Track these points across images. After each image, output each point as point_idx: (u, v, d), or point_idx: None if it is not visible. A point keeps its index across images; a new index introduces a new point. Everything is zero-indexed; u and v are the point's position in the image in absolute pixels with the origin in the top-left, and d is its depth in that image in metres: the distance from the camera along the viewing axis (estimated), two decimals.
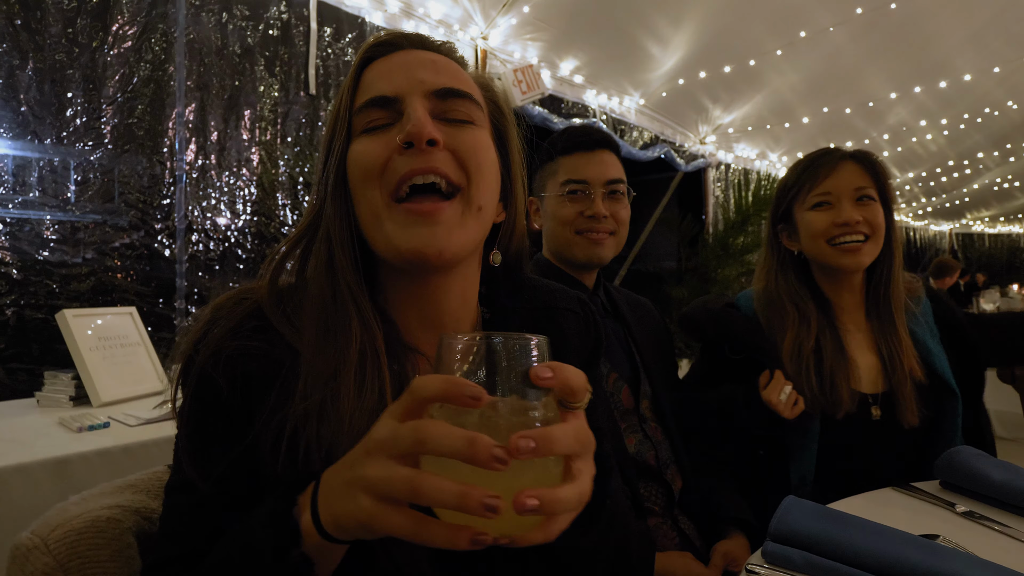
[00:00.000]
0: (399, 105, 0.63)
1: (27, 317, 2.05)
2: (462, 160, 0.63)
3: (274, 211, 2.75)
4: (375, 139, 0.63)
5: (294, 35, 2.81)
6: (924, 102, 5.43)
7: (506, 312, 0.76)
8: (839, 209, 1.25)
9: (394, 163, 0.61)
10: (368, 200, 0.63)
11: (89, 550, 0.59)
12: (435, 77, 0.65)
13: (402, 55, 0.68)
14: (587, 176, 1.27)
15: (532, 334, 0.45)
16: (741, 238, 5.66)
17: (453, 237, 0.62)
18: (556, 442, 0.42)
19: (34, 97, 2.08)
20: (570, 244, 1.29)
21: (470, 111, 0.66)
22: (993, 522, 0.87)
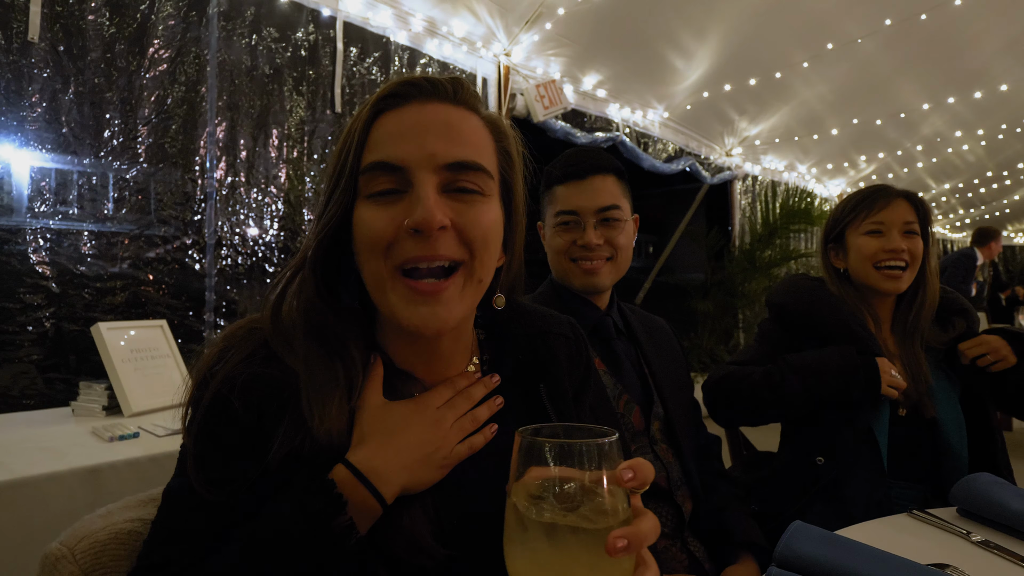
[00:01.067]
0: (407, 175, 0.63)
1: (64, 329, 2.14)
2: (467, 238, 0.65)
3: (300, 226, 2.83)
4: (382, 211, 0.64)
5: (321, 55, 2.90)
6: (959, 112, 5.31)
7: (501, 337, 0.79)
8: (889, 237, 1.44)
9: (402, 243, 0.63)
10: (373, 268, 0.64)
11: (111, 561, 0.63)
12: (447, 147, 0.64)
13: (415, 110, 0.66)
14: (577, 206, 1.27)
15: (603, 434, 0.49)
16: (768, 251, 5.60)
17: (453, 313, 0.65)
18: (646, 538, 0.48)
19: (75, 118, 2.18)
20: (567, 272, 1.30)
21: (480, 182, 0.66)
22: (1010, 553, 0.85)
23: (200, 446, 0.62)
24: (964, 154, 6.79)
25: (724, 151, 5.75)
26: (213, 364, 0.64)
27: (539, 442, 0.49)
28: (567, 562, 0.46)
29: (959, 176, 7.82)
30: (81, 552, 0.62)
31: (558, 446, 0.48)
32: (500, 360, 0.78)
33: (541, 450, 0.49)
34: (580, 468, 0.48)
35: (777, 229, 5.64)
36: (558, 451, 0.48)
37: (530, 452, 0.49)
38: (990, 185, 8.29)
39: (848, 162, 6.93)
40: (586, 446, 0.48)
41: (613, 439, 0.49)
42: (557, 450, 0.48)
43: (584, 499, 0.48)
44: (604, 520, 0.47)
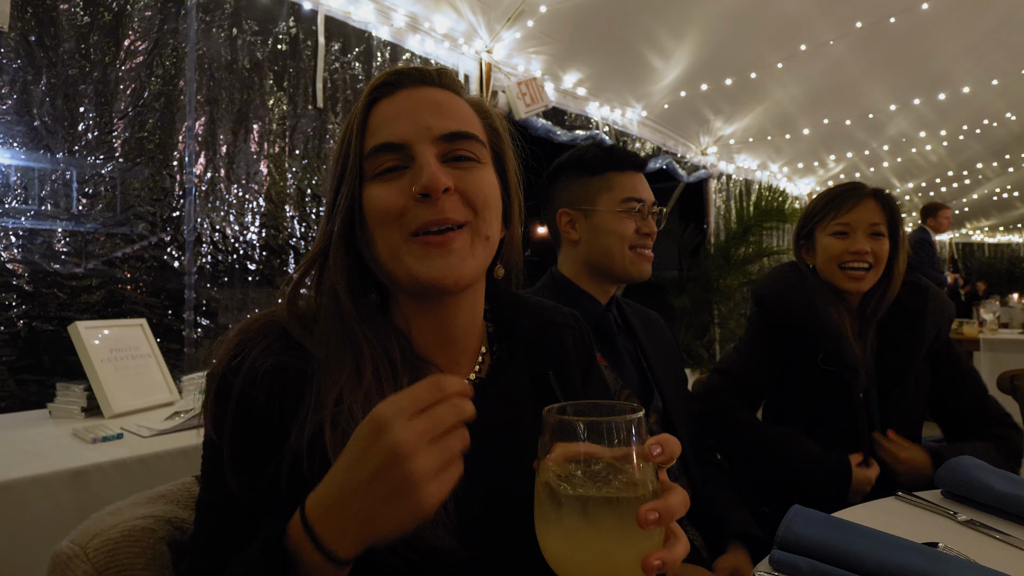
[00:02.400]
0: (409, 150, 0.68)
1: (38, 328, 2.08)
2: (469, 199, 0.69)
3: (282, 223, 2.79)
4: (390, 186, 0.68)
5: (302, 49, 2.86)
6: (923, 113, 5.48)
7: (511, 326, 0.82)
8: (854, 239, 1.47)
9: (412, 211, 0.67)
10: (387, 239, 0.68)
11: (126, 558, 0.62)
12: (440, 121, 0.70)
13: (406, 95, 0.72)
14: (643, 196, 1.35)
15: (630, 410, 0.50)
16: (743, 248, 5.70)
17: (465, 264, 0.68)
18: (676, 511, 0.49)
19: (47, 111, 2.12)
20: (623, 259, 1.32)
21: (474, 149, 0.71)
22: (994, 530, 0.89)
23: (234, 449, 0.61)
24: (927, 154, 7.01)
25: (700, 150, 5.84)
26: (231, 360, 0.64)
27: (570, 421, 0.49)
28: (601, 535, 0.47)
29: (922, 175, 8.07)
30: (94, 550, 0.61)
31: (588, 424, 0.49)
32: (511, 348, 0.80)
33: (572, 428, 0.49)
34: (609, 445, 0.49)
35: (751, 227, 5.75)
36: (588, 429, 0.49)
37: (560, 430, 0.50)
38: (951, 184, 8.56)
39: (818, 161, 7.09)
40: (615, 423, 0.49)
41: (640, 415, 0.50)
42: (587, 428, 0.49)
43: (614, 474, 0.49)
44: (635, 493, 0.48)
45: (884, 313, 1.49)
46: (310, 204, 2.89)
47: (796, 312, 1.49)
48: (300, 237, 2.86)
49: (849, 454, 1.39)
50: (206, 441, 0.65)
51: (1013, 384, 1.56)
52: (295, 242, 2.84)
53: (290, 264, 2.82)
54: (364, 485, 0.49)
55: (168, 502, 0.70)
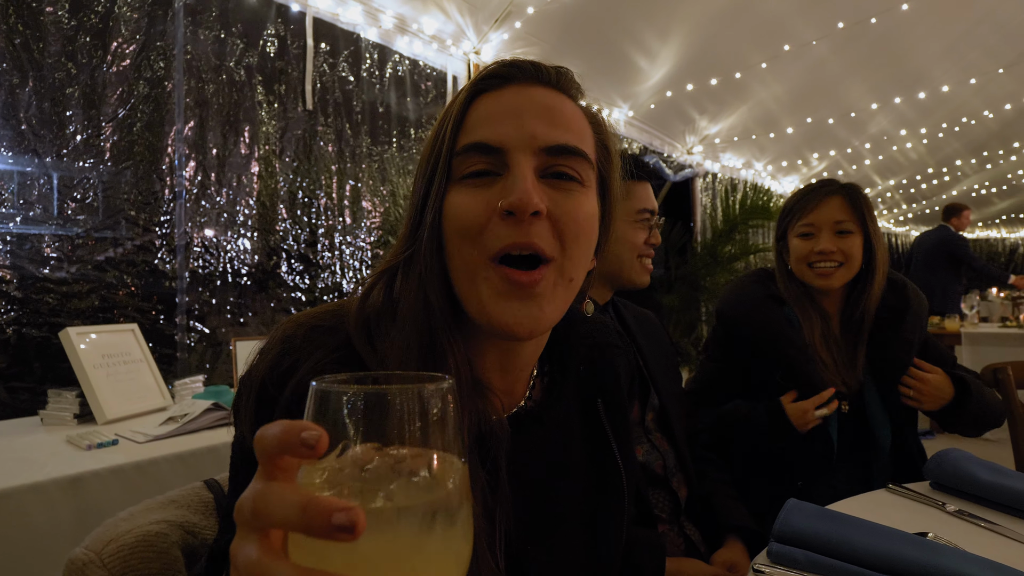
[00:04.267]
0: (504, 157, 0.59)
1: (28, 335, 2.06)
2: (560, 230, 0.59)
3: (274, 226, 2.78)
4: (476, 194, 0.59)
5: (290, 52, 2.85)
6: (904, 112, 5.58)
7: (561, 348, 0.75)
8: (818, 239, 1.47)
9: (494, 228, 0.58)
10: (463, 256, 0.60)
11: (140, 563, 0.63)
12: (547, 130, 0.60)
13: (514, 92, 0.62)
14: (654, 207, 1.39)
15: (432, 380, 0.36)
16: (729, 246, 5.76)
17: (545, 313, 0.59)
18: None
19: (34, 115, 2.10)
20: (631, 267, 1.37)
21: (580, 168, 0.61)
22: (982, 520, 0.92)
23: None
24: (907, 152, 7.14)
25: (686, 149, 5.89)
26: (273, 368, 0.58)
27: (336, 392, 0.35)
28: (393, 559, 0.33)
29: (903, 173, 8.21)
30: (109, 556, 0.62)
31: (364, 397, 0.35)
32: (563, 373, 0.74)
33: (337, 403, 0.34)
34: (395, 428, 0.35)
35: (737, 225, 5.80)
36: (365, 404, 0.35)
37: (324, 407, 0.35)
38: (931, 181, 8.72)
39: (801, 159, 7.19)
40: (403, 394, 0.35)
41: (446, 384, 0.37)
42: (363, 402, 0.35)
43: (406, 470, 0.35)
44: (434, 495, 0.35)
45: (871, 320, 1.49)
46: (301, 207, 2.89)
47: (754, 326, 1.50)
48: (292, 240, 2.85)
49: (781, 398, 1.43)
50: (239, 449, 0.61)
51: (996, 378, 1.60)
52: (287, 245, 2.83)
53: (283, 268, 2.81)
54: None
55: (180, 507, 0.71)
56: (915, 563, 0.73)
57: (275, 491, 0.32)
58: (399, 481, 0.34)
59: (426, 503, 0.34)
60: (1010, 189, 9.64)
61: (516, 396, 0.70)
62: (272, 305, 2.75)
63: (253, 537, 0.32)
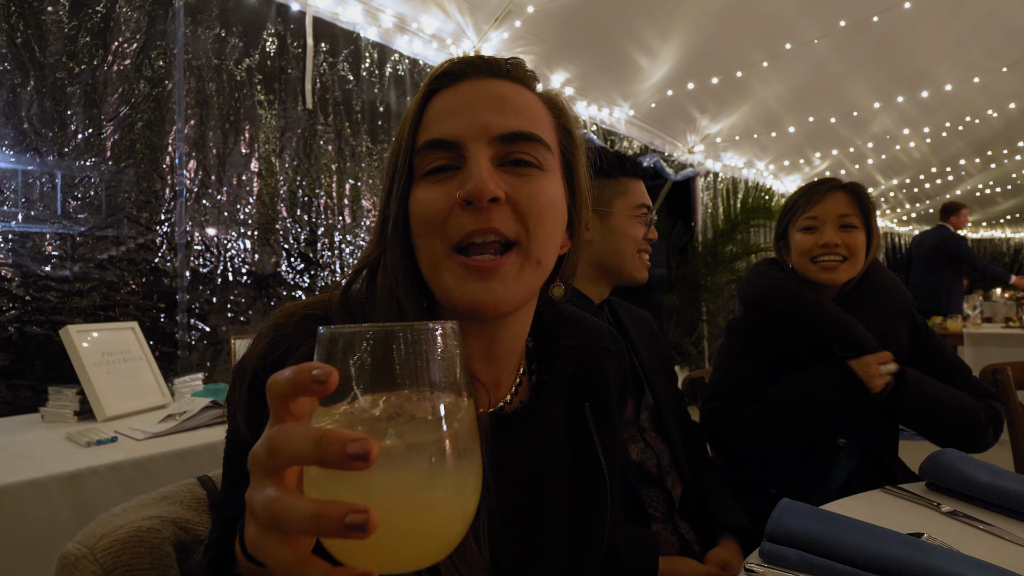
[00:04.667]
0: (461, 150, 0.61)
1: (30, 333, 2.07)
2: (522, 214, 0.61)
3: (274, 225, 2.79)
4: (436, 188, 0.61)
5: (291, 50, 2.86)
6: (907, 111, 5.56)
7: (551, 346, 0.76)
8: (822, 232, 1.45)
9: (456, 218, 0.60)
10: (428, 249, 0.61)
11: (132, 559, 0.63)
12: (500, 119, 0.61)
13: (468, 86, 0.64)
14: (649, 203, 1.41)
15: (437, 322, 0.38)
16: (730, 246, 5.75)
17: (510, 292, 0.60)
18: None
19: (35, 114, 2.11)
20: (632, 261, 1.37)
21: (537, 153, 0.63)
22: (977, 521, 0.92)
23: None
24: (911, 151, 7.11)
25: (687, 148, 5.88)
26: (266, 356, 0.59)
27: (349, 334, 0.36)
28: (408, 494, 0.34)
29: (906, 172, 8.18)
30: (101, 551, 0.62)
31: (372, 335, 0.36)
32: (551, 373, 0.74)
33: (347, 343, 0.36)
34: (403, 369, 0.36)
35: (738, 224, 5.80)
36: (372, 342, 0.35)
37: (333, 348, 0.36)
38: (934, 181, 8.69)
39: (803, 159, 7.17)
40: (410, 332, 0.36)
41: (449, 326, 0.38)
42: (371, 340, 0.36)
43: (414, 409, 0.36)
44: (439, 434, 0.36)
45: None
46: (301, 206, 2.89)
47: (787, 307, 1.44)
48: (292, 239, 2.86)
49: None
50: (233, 439, 0.60)
51: (996, 379, 1.59)
52: (287, 244, 2.84)
53: (284, 266, 2.82)
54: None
55: (172, 503, 0.72)
56: (907, 563, 0.73)
57: (290, 429, 0.33)
58: (408, 417, 0.36)
59: (435, 437, 0.35)
60: (1014, 189, 9.60)
61: (502, 390, 0.70)
62: (272, 304, 2.75)
63: (268, 481, 0.34)
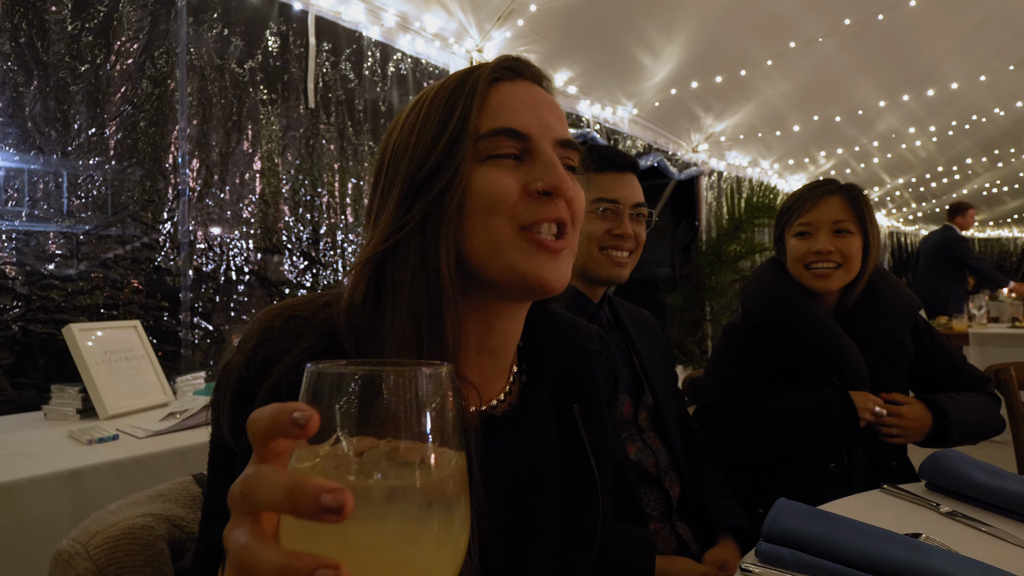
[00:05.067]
0: (530, 144, 0.65)
1: (34, 331, 2.08)
2: (574, 209, 0.66)
3: (276, 224, 2.79)
4: (507, 173, 0.64)
5: (293, 50, 2.86)
6: (913, 110, 5.53)
7: (540, 346, 0.77)
8: (816, 239, 1.43)
9: (527, 203, 0.63)
10: (491, 228, 0.62)
11: (126, 556, 0.63)
12: (558, 125, 0.67)
13: (526, 87, 0.68)
14: (618, 196, 1.33)
15: (429, 365, 0.36)
16: (734, 245, 5.73)
17: (565, 272, 0.66)
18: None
19: (39, 113, 2.12)
20: (593, 260, 1.33)
21: (576, 161, 0.69)
22: (975, 521, 0.92)
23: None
24: (917, 150, 7.07)
25: (691, 147, 5.87)
26: (250, 361, 0.58)
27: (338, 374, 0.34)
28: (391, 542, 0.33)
29: (912, 171, 8.14)
30: (95, 548, 0.62)
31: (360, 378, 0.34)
32: (540, 375, 0.75)
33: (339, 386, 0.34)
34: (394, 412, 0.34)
35: (742, 223, 5.78)
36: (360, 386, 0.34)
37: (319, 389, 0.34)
38: (940, 180, 8.64)
39: (808, 158, 7.14)
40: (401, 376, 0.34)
41: (445, 370, 0.36)
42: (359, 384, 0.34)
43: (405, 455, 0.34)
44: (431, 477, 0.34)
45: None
46: (304, 205, 2.90)
47: (793, 327, 1.43)
48: (294, 238, 2.87)
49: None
50: (217, 444, 0.59)
51: (999, 379, 1.58)
52: (289, 243, 2.85)
53: (286, 265, 2.83)
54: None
55: (167, 500, 0.72)
56: (903, 564, 0.73)
57: (264, 473, 0.31)
58: (392, 467, 0.34)
59: (419, 490, 0.33)
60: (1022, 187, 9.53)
61: (495, 387, 0.70)
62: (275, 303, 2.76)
63: (244, 522, 0.32)
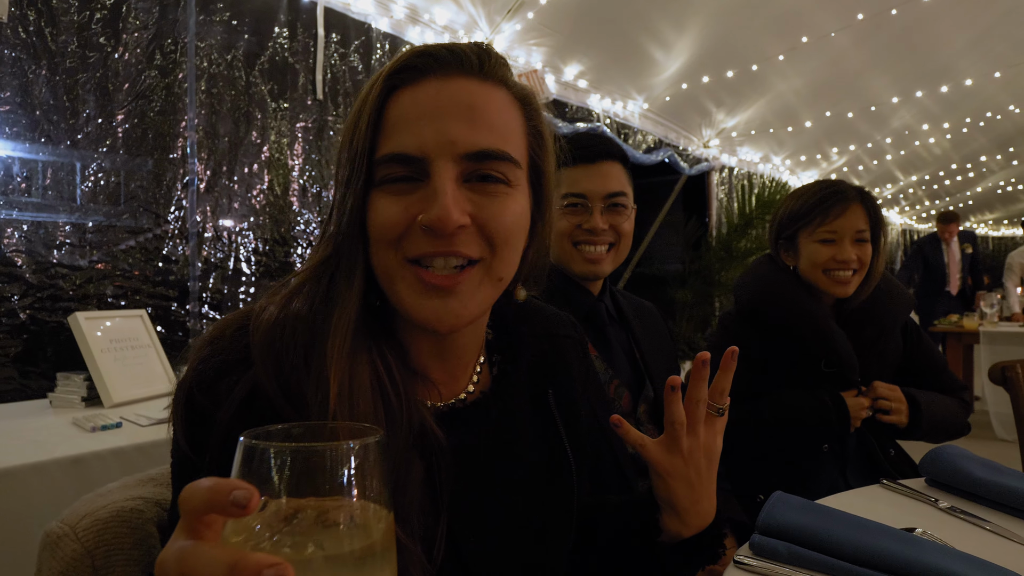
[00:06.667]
0: (425, 166, 0.57)
1: (42, 320, 2.10)
2: (489, 235, 0.59)
3: (284, 214, 2.81)
4: (397, 201, 0.58)
5: (302, 41, 2.87)
6: (927, 106, 5.46)
7: (511, 338, 0.75)
8: (841, 247, 1.45)
9: (414, 236, 0.57)
10: (382, 258, 0.59)
11: (114, 538, 0.64)
12: (468, 133, 0.58)
13: (432, 87, 0.59)
14: (586, 189, 1.27)
15: (361, 433, 0.37)
16: (744, 241, 5.70)
17: (467, 309, 0.59)
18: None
19: (48, 102, 2.13)
20: (568, 257, 1.29)
21: (505, 170, 0.60)
22: (975, 518, 0.90)
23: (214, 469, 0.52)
24: (931, 147, 6.99)
25: (702, 143, 5.83)
26: (197, 373, 0.57)
27: (262, 448, 0.35)
28: None
29: (926, 168, 8.04)
30: (83, 530, 0.63)
31: (292, 453, 0.35)
32: (513, 363, 0.73)
33: (266, 459, 0.35)
34: (322, 482, 0.35)
35: (753, 220, 5.74)
36: (293, 461, 0.35)
37: (250, 462, 0.35)
38: (955, 177, 8.54)
39: (821, 154, 7.08)
40: (331, 451, 0.35)
41: (373, 440, 0.37)
42: (292, 459, 0.35)
43: (332, 523, 0.36)
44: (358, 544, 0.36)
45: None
46: (312, 196, 2.91)
47: (787, 312, 1.48)
48: (303, 228, 2.88)
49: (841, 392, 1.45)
50: (177, 455, 0.59)
51: (1004, 375, 1.56)
52: (296, 233, 2.86)
53: (294, 257, 2.84)
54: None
55: (158, 484, 0.72)
56: (897, 557, 0.72)
57: (202, 552, 0.31)
58: (325, 533, 0.35)
59: (353, 552, 0.35)
60: None
61: (459, 384, 0.69)
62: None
63: None
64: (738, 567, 0.78)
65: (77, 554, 0.62)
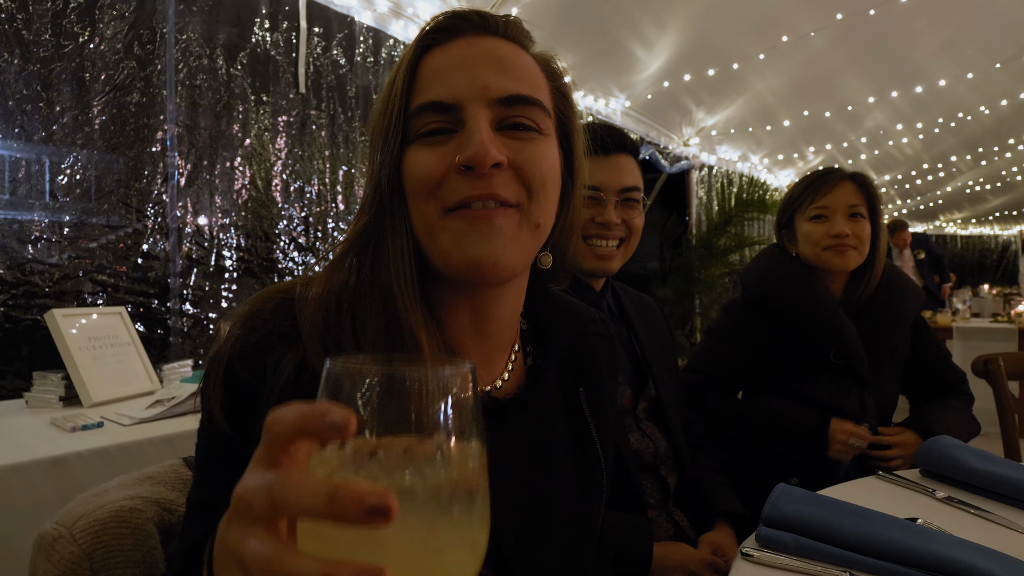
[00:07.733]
0: (459, 112, 0.58)
1: (17, 318, 2.03)
2: (525, 178, 0.59)
3: (266, 209, 2.75)
4: (433, 151, 0.58)
5: (284, 34, 2.81)
6: (900, 107, 5.57)
7: (545, 331, 0.74)
8: (833, 222, 1.45)
9: (452, 182, 0.57)
10: (422, 213, 0.59)
11: (113, 539, 0.61)
12: (500, 80, 0.59)
13: (463, 44, 0.61)
14: (600, 182, 1.24)
15: (451, 362, 0.36)
16: (724, 239, 5.76)
17: (508, 249, 0.58)
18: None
19: (21, 94, 2.06)
20: (577, 252, 1.26)
21: (536, 117, 0.61)
22: (971, 506, 0.92)
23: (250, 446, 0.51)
24: (903, 147, 7.14)
25: (682, 141, 5.87)
26: (237, 344, 0.56)
27: (352, 373, 0.34)
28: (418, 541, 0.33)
29: (898, 168, 8.21)
30: (80, 531, 0.60)
31: (381, 378, 0.34)
32: (546, 357, 0.72)
33: (354, 385, 0.33)
34: (414, 411, 0.34)
35: (732, 217, 5.80)
36: (382, 386, 0.34)
37: (338, 388, 0.34)
38: (926, 177, 8.73)
39: (798, 153, 7.19)
40: (421, 376, 0.34)
41: (467, 368, 0.36)
42: (381, 384, 0.34)
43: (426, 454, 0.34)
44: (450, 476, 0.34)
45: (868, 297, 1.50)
46: (295, 192, 2.86)
47: (794, 295, 1.48)
48: (285, 225, 2.83)
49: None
50: (207, 432, 0.57)
51: (987, 368, 1.60)
52: (279, 230, 2.81)
53: (277, 253, 2.79)
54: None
55: (156, 483, 0.70)
56: (903, 547, 0.73)
57: (295, 480, 0.29)
58: (416, 465, 0.33)
59: (444, 485, 0.34)
60: (1004, 186, 9.67)
61: (495, 367, 0.68)
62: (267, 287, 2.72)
63: (258, 530, 0.30)
64: (746, 559, 0.78)
65: (75, 557, 0.59)
